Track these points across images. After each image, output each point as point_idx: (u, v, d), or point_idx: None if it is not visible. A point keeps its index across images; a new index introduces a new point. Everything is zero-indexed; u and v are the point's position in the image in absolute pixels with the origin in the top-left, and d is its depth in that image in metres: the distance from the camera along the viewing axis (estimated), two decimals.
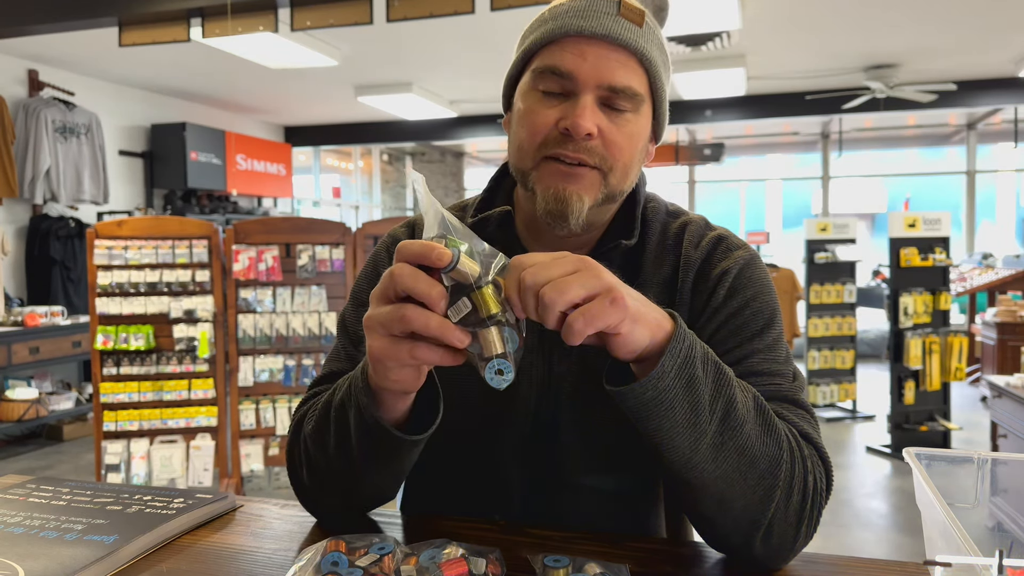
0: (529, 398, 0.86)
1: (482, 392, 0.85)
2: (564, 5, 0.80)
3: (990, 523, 2.23)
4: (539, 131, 0.79)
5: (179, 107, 7.32)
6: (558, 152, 0.78)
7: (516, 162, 0.83)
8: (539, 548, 0.74)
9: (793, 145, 11.02)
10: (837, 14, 4.95)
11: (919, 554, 0.77)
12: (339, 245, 3.57)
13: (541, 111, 0.79)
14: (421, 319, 0.60)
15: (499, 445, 0.87)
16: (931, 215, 4.68)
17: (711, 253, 0.86)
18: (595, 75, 0.77)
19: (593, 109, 0.77)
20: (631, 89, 0.78)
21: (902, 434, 4.61)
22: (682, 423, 0.65)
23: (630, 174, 0.82)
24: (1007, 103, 7.17)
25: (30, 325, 4.79)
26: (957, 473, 0.73)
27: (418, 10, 3.56)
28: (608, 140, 0.78)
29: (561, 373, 0.85)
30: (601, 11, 0.78)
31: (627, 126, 0.79)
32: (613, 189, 0.81)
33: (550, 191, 0.78)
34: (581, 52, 0.77)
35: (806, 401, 0.81)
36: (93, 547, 0.71)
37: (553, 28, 0.79)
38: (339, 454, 0.76)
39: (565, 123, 0.77)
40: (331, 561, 0.64)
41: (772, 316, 0.83)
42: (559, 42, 0.78)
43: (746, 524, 0.70)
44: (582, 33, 0.77)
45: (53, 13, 4.02)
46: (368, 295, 0.89)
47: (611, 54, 0.77)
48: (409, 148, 11.28)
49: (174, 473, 3.48)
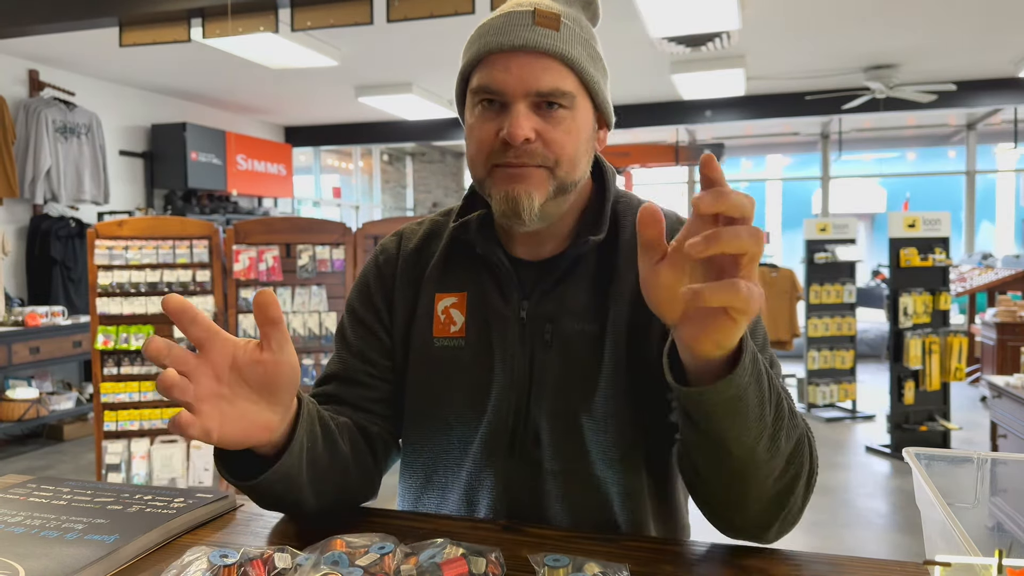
0: (511, 393, 0.88)
1: (465, 387, 0.89)
2: (487, 25, 0.86)
3: (990, 523, 2.24)
4: (484, 144, 0.85)
5: (179, 107, 7.32)
6: (503, 160, 0.84)
7: (473, 174, 0.89)
8: (539, 548, 0.74)
9: (793, 145, 11.02)
10: (837, 14, 4.95)
11: (919, 554, 0.77)
12: (339, 245, 3.57)
13: (483, 126, 0.85)
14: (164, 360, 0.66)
15: (484, 440, 0.89)
16: (931, 215, 4.67)
17: None
18: (522, 85, 0.82)
19: (527, 116, 0.82)
20: (559, 90, 0.83)
21: (902, 434, 4.61)
22: (753, 418, 0.67)
23: (578, 165, 0.87)
24: (1007, 103, 7.17)
25: (31, 325, 4.80)
26: (957, 473, 0.73)
27: (418, 10, 3.57)
28: (547, 140, 0.83)
29: (542, 366, 0.88)
30: (518, 24, 0.83)
31: (563, 123, 0.84)
32: (563, 181, 0.85)
33: (502, 193, 0.84)
34: (506, 67, 0.82)
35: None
36: (94, 546, 0.71)
37: (479, 49, 0.85)
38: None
39: (503, 134, 0.82)
40: (331, 560, 0.64)
41: None
42: (486, 60, 0.84)
43: (777, 506, 0.74)
44: (503, 49, 0.82)
45: (54, 13, 4.02)
46: (361, 308, 0.98)
47: (534, 62, 0.82)
48: (409, 148, 11.28)
49: (174, 473, 3.48)
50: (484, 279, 0.92)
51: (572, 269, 0.90)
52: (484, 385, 0.89)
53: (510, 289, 0.90)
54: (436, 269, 0.95)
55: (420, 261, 0.97)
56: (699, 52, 5.73)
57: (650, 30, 4.81)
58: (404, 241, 1.00)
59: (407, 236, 1.00)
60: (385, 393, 0.95)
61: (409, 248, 0.99)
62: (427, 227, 1.01)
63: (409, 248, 0.99)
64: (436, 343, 0.92)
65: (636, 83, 6.83)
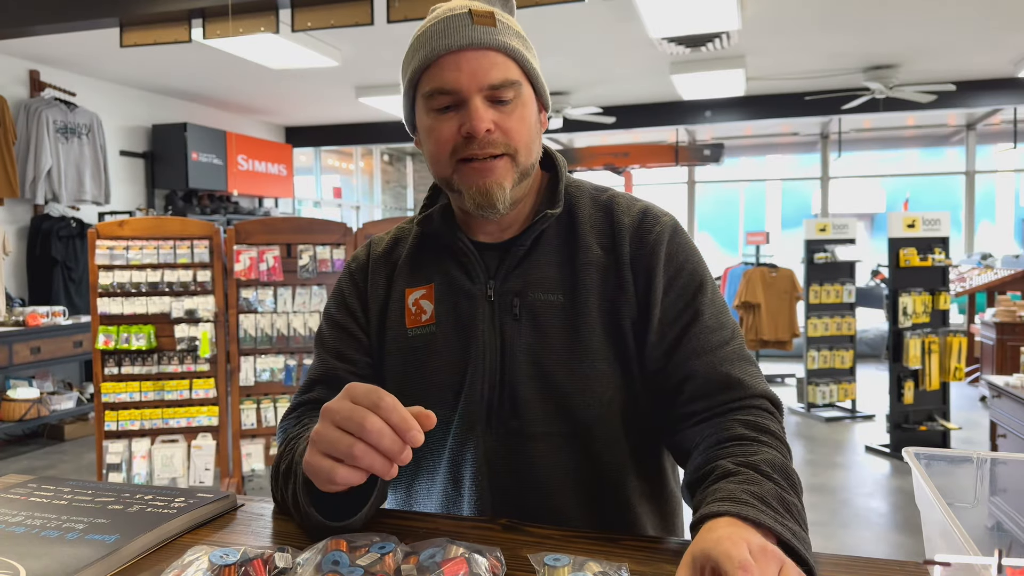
0: (484, 367, 0.92)
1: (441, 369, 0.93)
2: (427, 31, 0.90)
3: (989, 523, 2.24)
4: (446, 142, 0.89)
5: (180, 107, 7.32)
6: (468, 154, 0.88)
7: (437, 173, 0.93)
8: (539, 547, 0.74)
9: (793, 145, 11.03)
10: (837, 14, 4.95)
11: (919, 554, 0.77)
12: (340, 245, 3.58)
13: (442, 126, 0.89)
14: (368, 460, 0.67)
15: (462, 416, 0.92)
16: (930, 215, 4.68)
17: (642, 220, 0.95)
18: (474, 81, 0.87)
19: (484, 108, 0.87)
20: (508, 80, 0.88)
21: (901, 434, 4.61)
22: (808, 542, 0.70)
23: (533, 148, 0.93)
24: (1006, 103, 7.17)
25: (31, 325, 4.80)
26: (956, 473, 0.73)
27: (418, 10, 3.57)
28: (505, 128, 0.88)
29: (513, 338, 0.92)
30: (459, 25, 0.88)
31: (516, 111, 0.89)
32: (524, 165, 0.91)
33: (473, 188, 0.89)
34: (456, 66, 0.87)
35: (747, 351, 0.92)
36: (94, 546, 0.71)
37: (426, 54, 0.88)
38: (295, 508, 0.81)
39: (465, 128, 0.87)
40: (332, 560, 0.64)
41: (706, 272, 0.95)
42: (435, 64, 0.88)
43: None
44: (450, 50, 0.87)
45: (54, 14, 4.02)
46: (337, 312, 1.02)
47: (481, 58, 0.87)
48: (409, 148, 11.29)
49: (175, 472, 3.48)
50: (450, 266, 0.97)
51: (535, 246, 0.95)
52: (459, 364, 0.93)
53: (476, 271, 0.95)
54: (404, 267, 1.01)
55: (389, 262, 1.03)
56: (699, 52, 5.73)
57: (650, 30, 4.81)
58: (373, 247, 1.06)
59: (375, 243, 1.06)
60: None
61: (378, 252, 1.04)
62: (394, 234, 1.07)
63: (378, 252, 1.04)
64: (410, 333, 0.97)
65: (636, 83, 6.83)
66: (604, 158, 9.11)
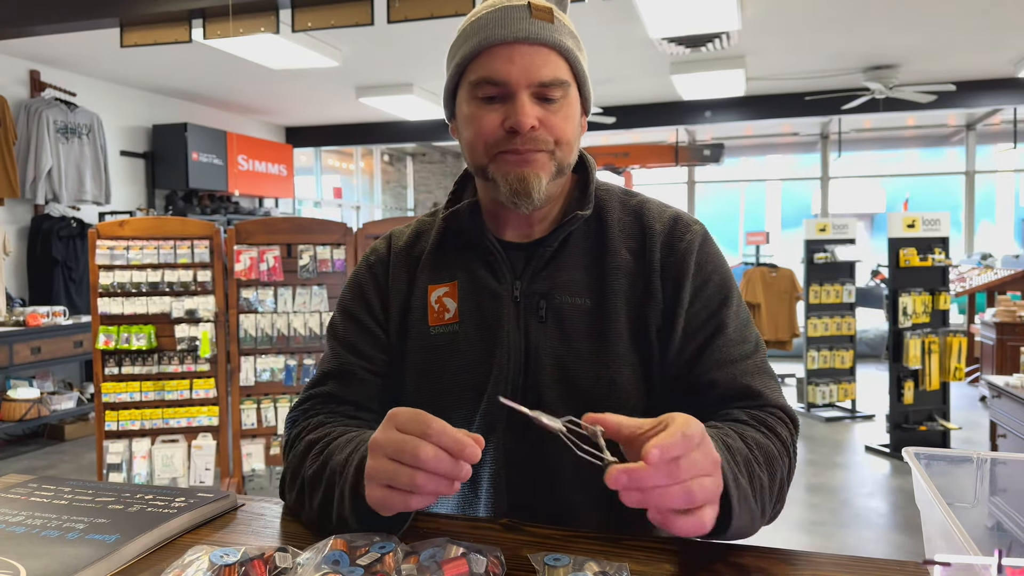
0: (509, 368, 0.90)
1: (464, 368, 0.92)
2: (483, 19, 0.88)
3: (989, 523, 2.24)
4: (487, 133, 0.87)
5: (180, 108, 7.32)
6: (509, 148, 0.87)
7: (473, 160, 0.91)
8: (539, 547, 0.74)
9: (793, 146, 11.02)
10: (837, 15, 4.95)
11: (919, 554, 0.77)
12: (340, 245, 3.58)
13: (485, 116, 0.87)
14: (432, 487, 0.66)
15: (483, 417, 0.91)
16: (930, 215, 4.67)
17: (673, 227, 0.95)
18: (525, 76, 0.85)
19: (531, 105, 0.86)
20: (558, 79, 0.87)
21: (901, 434, 4.61)
22: (747, 523, 0.76)
23: (573, 148, 0.92)
24: (1006, 103, 7.17)
25: (32, 325, 4.80)
26: (956, 473, 0.73)
27: (418, 11, 3.57)
28: (549, 125, 0.87)
29: (539, 340, 0.90)
30: (516, 17, 0.86)
31: (561, 110, 0.88)
32: (562, 162, 0.90)
33: (511, 175, 0.87)
34: (509, 58, 0.85)
35: (769, 365, 0.93)
36: (95, 546, 0.71)
37: (479, 41, 0.87)
38: (320, 516, 0.80)
39: (509, 122, 0.85)
40: (332, 560, 0.64)
41: (733, 284, 0.94)
42: (487, 52, 0.86)
43: (763, 523, 0.82)
44: (505, 40, 0.85)
45: (55, 14, 4.02)
46: (354, 305, 0.99)
47: (534, 53, 0.86)
48: (410, 149, 11.29)
49: (175, 472, 3.48)
50: (475, 264, 0.95)
51: (562, 248, 0.93)
52: (482, 364, 0.91)
53: (502, 271, 0.93)
54: (427, 262, 0.98)
55: (411, 257, 1.00)
56: (699, 52, 5.73)
57: (650, 30, 4.81)
58: (394, 241, 1.03)
59: (396, 236, 1.03)
60: (380, 389, 0.97)
61: (399, 246, 1.01)
62: (415, 227, 1.04)
63: (399, 246, 1.01)
64: (432, 331, 0.94)
65: (636, 83, 6.83)
66: (604, 158, 9.11)
